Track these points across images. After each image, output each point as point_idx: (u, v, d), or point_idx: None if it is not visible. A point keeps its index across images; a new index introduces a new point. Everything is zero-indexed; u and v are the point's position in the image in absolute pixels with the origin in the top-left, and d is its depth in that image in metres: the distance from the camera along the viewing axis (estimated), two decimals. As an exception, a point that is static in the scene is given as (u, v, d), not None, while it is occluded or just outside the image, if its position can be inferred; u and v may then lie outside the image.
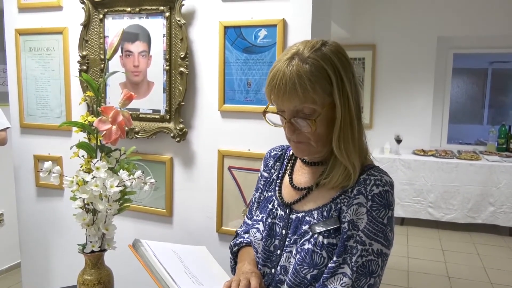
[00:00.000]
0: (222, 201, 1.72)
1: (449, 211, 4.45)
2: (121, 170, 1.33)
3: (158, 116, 1.75)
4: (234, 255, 1.23)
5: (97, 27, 1.79)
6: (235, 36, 1.61)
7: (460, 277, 3.52)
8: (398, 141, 4.73)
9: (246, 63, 1.61)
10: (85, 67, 1.82)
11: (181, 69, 1.67)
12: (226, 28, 1.62)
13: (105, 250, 1.38)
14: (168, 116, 1.73)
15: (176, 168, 1.80)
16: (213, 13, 1.65)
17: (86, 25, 1.79)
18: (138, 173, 1.32)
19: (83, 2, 1.77)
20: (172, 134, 1.72)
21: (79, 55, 1.82)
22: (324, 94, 0.94)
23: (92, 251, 1.35)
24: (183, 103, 1.70)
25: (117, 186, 1.28)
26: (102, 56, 1.79)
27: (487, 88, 7.04)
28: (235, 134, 1.68)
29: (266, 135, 1.62)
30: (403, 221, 4.74)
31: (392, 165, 4.57)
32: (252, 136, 1.65)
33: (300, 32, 1.53)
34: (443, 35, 4.87)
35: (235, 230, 1.69)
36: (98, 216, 1.33)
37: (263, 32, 1.57)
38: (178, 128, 1.71)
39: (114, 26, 1.76)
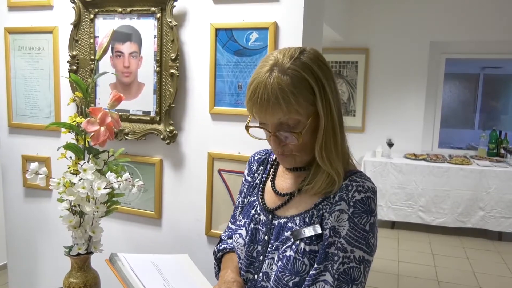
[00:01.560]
0: (211, 204, 1.71)
1: (440, 215, 4.48)
2: (109, 172, 1.32)
3: (148, 118, 1.73)
4: (218, 261, 1.21)
5: (87, 27, 1.77)
6: (227, 39, 1.61)
7: (449, 281, 3.54)
8: (390, 144, 4.75)
9: (237, 66, 1.60)
10: (75, 67, 1.80)
11: (172, 70, 1.66)
12: (217, 30, 1.61)
13: (91, 252, 1.36)
14: (158, 118, 1.72)
15: (166, 170, 1.79)
16: (205, 15, 1.64)
17: (77, 25, 1.78)
18: (126, 175, 1.31)
19: (73, 2, 1.75)
20: (162, 136, 1.71)
21: (69, 55, 1.80)
22: (307, 105, 0.92)
23: (79, 254, 1.33)
24: (173, 105, 1.68)
25: (104, 188, 1.27)
26: (92, 56, 1.78)
27: (479, 93, 7.09)
28: (225, 136, 1.67)
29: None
30: (393, 225, 4.75)
31: (384, 168, 4.58)
32: (242, 139, 1.64)
33: (291, 35, 1.53)
34: (435, 40, 4.91)
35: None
36: (85, 218, 1.32)
37: (254, 35, 1.57)
38: (168, 130, 1.70)
39: (105, 26, 1.75)
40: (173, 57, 1.65)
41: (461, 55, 5.18)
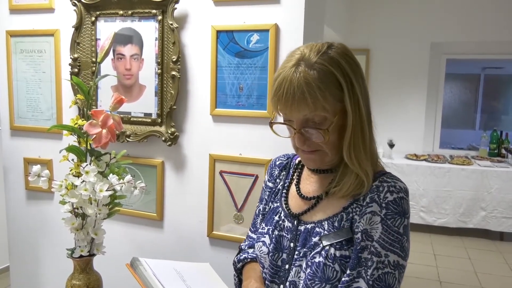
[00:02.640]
0: (213, 205, 1.71)
1: (441, 216, 4.47)
2: (111, 174, 1.32)
3: (149, 120, 1.74)
4: (239, 272, 1.16)
5: (89, 29, 1.78)
6: (228, 41, 1.61)
7: (451, 281, 3.53)
8: (391, 145, 4.75)
9: (238, 68, 1.61)
10: (76, 70, 1.80)
11: (173, 72, 1.67)
12: (218, 32, 1.62)
13: (94, 255, 1.37)
14: (160, 120, 1.72)
15: (168, 172, 1.79)
16: (206, 17, 1.65)
17: (78, 28, 1.78)
18: (128, 177, 1.32)
19: (75, 5, 1.76)
20: (163, 138, 1.72)
21: (71, 58, 1.80)
22: (334, 101, 0.88)
23: (81, 256, 1.33)
24: (174, 107, 1.69)
25: (106, 190, 1.27)
26: (93, 59, 1.78)
27: (480, 94, 7.10)
28: (226, 138, 1.68)
29: (258, 140, 1.62)
30: (395, 226, 4.74)
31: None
32: (244, 141, 1.65)
33: (292, 37, 1.53)
34: (436, 41, 4.91)
35: (227, 234, 1.69)
36: (87, 220, 1.32)
37: (255, 37, 1.57)
38: (169, 132, 1.70)
39: (106, 29, 1.75)
40: (174, 59, 1.66)
41: (461, 56, 5.19)
